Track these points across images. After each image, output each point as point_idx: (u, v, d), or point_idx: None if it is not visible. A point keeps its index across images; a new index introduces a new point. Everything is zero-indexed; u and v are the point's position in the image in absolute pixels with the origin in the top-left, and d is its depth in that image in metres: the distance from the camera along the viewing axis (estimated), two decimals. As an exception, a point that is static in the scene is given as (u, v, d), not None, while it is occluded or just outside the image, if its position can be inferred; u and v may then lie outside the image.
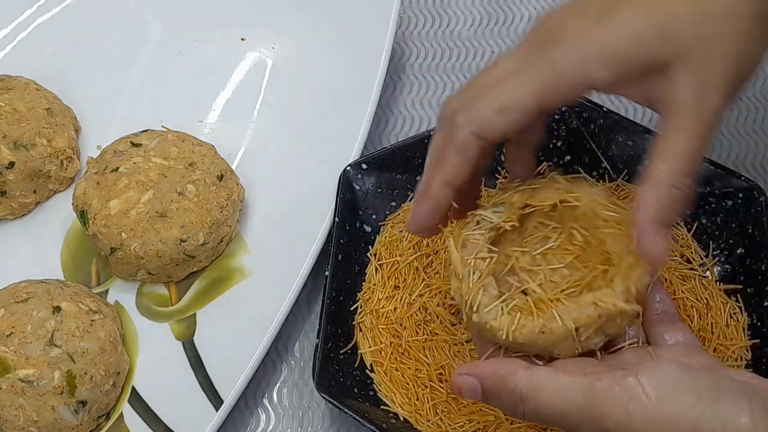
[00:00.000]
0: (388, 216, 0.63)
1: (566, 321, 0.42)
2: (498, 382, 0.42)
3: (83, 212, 0.61)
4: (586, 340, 0.42)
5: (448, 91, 0.73)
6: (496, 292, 0.44)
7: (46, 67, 0.72)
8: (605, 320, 0.42)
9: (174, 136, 0.64)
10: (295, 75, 0.72)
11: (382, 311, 0.58)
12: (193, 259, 0.61)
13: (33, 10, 0.75)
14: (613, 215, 0.45)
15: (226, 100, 0.71)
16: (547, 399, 0.40)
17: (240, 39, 0.74)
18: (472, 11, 0.77)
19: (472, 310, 0.44)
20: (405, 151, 0.63)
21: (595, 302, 0.42)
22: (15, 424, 0.54)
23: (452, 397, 0.55)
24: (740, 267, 0.57)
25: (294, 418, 0.60)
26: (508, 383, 0.42)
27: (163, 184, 0.61)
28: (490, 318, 0.43)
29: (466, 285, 0.44)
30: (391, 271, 0.60)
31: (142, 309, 0.62)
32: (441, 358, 0.56)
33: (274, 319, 0.58)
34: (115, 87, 0.72)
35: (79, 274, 0.64)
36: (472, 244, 0.45)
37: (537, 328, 0.42)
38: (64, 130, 0.67)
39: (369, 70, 0.67)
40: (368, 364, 0.58)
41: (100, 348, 0.57)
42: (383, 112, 0.72)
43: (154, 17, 0.75)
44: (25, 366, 0.55)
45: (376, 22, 0.69)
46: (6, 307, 0.57)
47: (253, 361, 0.57)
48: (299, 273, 0.59)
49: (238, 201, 0.63)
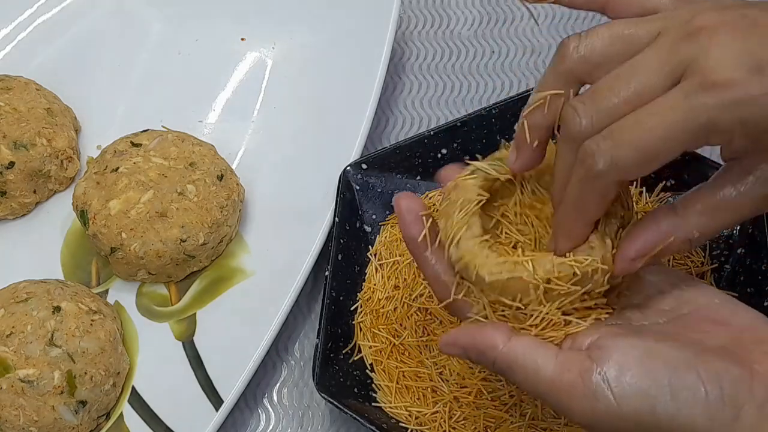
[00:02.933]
0: (388, 216, 0.63)
1: (538, 270, 0.42)
2: (479, 354, 0.42)
3: (83, 212, 0.61)
4: (559, 296, 0.42)
5: (448, 91, 0.73)
6: (479, 232, 0.44)
7: (46, 67, 0.72)
8: (580, 277, 0.42)
9: (174, 136, 0.64)
10: (295, 75, 0.72)
11: (382, 311, 0.58)
12: (193, 259, 0.61)
13: (33, 10, 0.75)
14: None
15: (226, 100, 0.71)
16: (522, 379, 0.41)
17: (240, 39, 0.74)
18: (472, 11, 0.77)
19: (452, 244, 0.44)
20: (405, 151, 0.63)
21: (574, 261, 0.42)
22: (15, 424, 0.54)
23: (453, 397, 0.55)
24: (740, 267, 0.57)
25: (294, 418, 0.60)
26: (488, 357, 0.42)
27: (163, 184, 0.61)
28: (466, 251, 0.43)
29: (450, 222, 0.44)
30: (391, 271, 0.60)
31: (142, 309, 0.62)
32: (441, 358, 0.56)
33: (274, 319, 0.58)
34: (115, 87, 0.72)
35: (79, 274, 0.64)
36: (462, 188, 0.45)
37: (506, 271, 0.42)
38: (64, 130, 0.67)
39: (369, 70, 0.67)
40: (368, 364, 0.58)
41: (100, 348, 0.57)
42: (383, 112, 0.72)
43: (154, 17, 0.75)
44: (25, 366, 0.55)
45: (376, 22, 0.69)
46: (6, 307, 0.57)
47: (253, 361, 0.57)
48: (299, 273, 0.59)
49: (238, 201, 0.63)
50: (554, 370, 0.40)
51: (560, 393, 0.40)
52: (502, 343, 0.41)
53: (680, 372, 0.38)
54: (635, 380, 0.38)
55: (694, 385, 0.38)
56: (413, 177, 0.63)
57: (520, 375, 0.41)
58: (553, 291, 0.42)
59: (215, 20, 0.74)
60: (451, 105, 0.72)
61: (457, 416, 0.54)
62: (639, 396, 0.38)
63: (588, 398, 0.39)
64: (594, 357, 0.40)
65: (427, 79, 0.74)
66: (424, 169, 0.63)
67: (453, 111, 0.72)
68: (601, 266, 0.42)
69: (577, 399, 0.39)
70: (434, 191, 0.63)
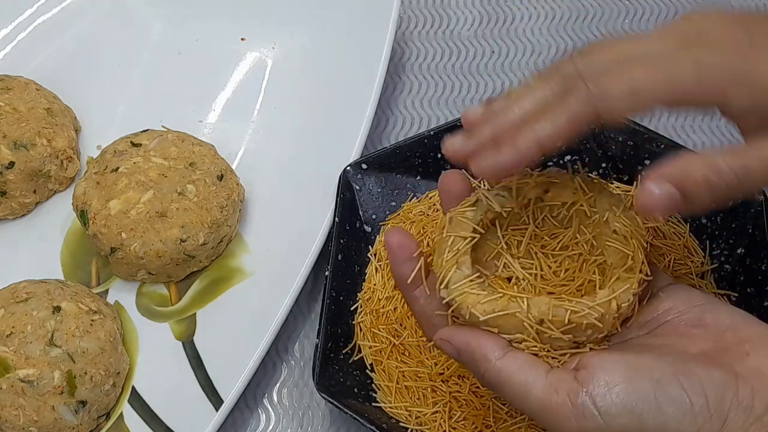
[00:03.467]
0: (388, 216, 0.63)
1: (532, 309, 0.42)
2: (470, 361, 0.42)
3: (83, 212, 0.61)
4: (551, 339, 0.42)
5: (448, 91, 0.73)
6: (469, 272, 0.44)
7: (46, 67, 0.72)
8: (573, 326, 0.42)
9: (174, 136, 0.64)
10: (295, 75, 0.72)
11: (382, 311, 0.58)
12: (193, 259, 0.61)
13: (33, 10, 0.75)
14: (623, 228, 0.44)
15: (226, 100, 0.71)
16: (510, 396, 0.41)
17: (240, 39, 0.74)
18: (472, 11, 0.77)
19: (443, 285, 0.44)
20: (405, 151, 0.63)
21: (571, 308, 0.42)
22: (15, 424, 0.54)
23: (453, 397, 0.55)
24: (740, 267, 0.57)
25: (294, 418, 0.60)
26: (479, 367, 0.42)
27: (163, 184, 0.61)
28: (456, 294, 0.43)
29: (441, 260, 0.44)
30: (391, 271, 0.60)
31: (142, 309, 0.62)
32: (441, 358, 0.56)
33: (274, 319, 0.58)
34: (115, 87, 0.72)
35: (79, 274, 0.64)
36: (458, 222, 0.45)
37: (500, 308, 0.42)
38: (64, 130, 0.67)
39: (369, 70, 0.67)
40: (368, 364, 0.58)
41: (100, 348, 0.57)
42: (383, 112, 0.72)
43: (154, 17, 0.75)
44: (25, 366, 0.55)
45: (376, 22, 0.69)
46: (6, 307, 0.57)
47: (253, 361, 0.57)
48: (299, 273, 0.59)
49: (238, 201, 0.63)
50: (543, 391, 0.40)
51: (549, 413, 0.40)
52: (495, 359, 0.42)
53: (663, 384, 0.38)
54: (620, 397, 0.39)
55: (679, 396, 0.38)
56: (413, 177, 0.63)
57: (508, 392, 0.41)
58: (545, 334, 0.42)
59: (215, 20, 0.74)
60: (451, 105, 0.73)
61: (457, 416, 0.54)
62: (625, 413, 0.38)
63: (576, 418, 0.39)
64: (580, 377, 0.40)
65: (427, 79, 0.74)
66: (424, 169, 0.63)
67: (453, 111, 0.72)
68: (596, 323, 0.42)
69: (565, 419, 0.39)
70: (434, 191, 0.63)
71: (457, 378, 0.55)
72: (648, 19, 0.76)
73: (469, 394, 0.54)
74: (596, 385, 0.39)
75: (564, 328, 0.42)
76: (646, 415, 0.38)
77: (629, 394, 0.39)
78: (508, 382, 0.41)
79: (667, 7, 0.76)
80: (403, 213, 0.63)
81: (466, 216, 0.45)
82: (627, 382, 0.39)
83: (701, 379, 0.38)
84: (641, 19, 0.76)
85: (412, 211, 0.62)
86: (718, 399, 0.38)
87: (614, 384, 0.39)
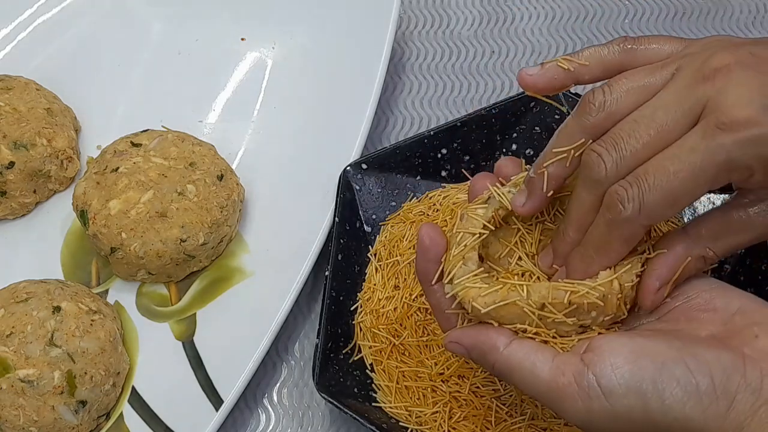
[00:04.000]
0: (388, 216, 0.63)
1: (532, 295, 0.42)
2: (480, 355, 0.43)
3: (83, 212, 0.61)
4: (555, 323, 0.42)
5: (448, 91, 0.73)
6: (474, 267, 0.44)
7: (46, 67, 0.72)
8: (575, 308, 0.42)
9: (174, 136, 0.64)
10: (295, 75, 0.72)
11: (382, 311, 0.58)
12: (193, 259, 0.61)
13: (33, 10, 0.75)
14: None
15: (226, 100, 0.71)
16: (519, 381, 0.42)
17: (240, 39, 0.74)
18: (472, 11, 0.77)
19: (447, 280, 0.44)
20: (405, 151, 0.63)
21: (570, 289, 0.42)
22: (15, 424, 0.54)
23: (453, 397, 0.55)
24: (740, 267, 0.57)
25: (294, 418, 0.60)
26: (489, 359, 0.43)
27: (163, 184, 0.61)
28: (459, 289, 0.43)
29: (448, 255, 0.45)
30: (391, 271, 0.60)
31: (142, 309, 0.62)
32: (441, 358, 0.56)
33: (274, 319, 0.58)
34: (115, 87, 0.72)
35: (79, 274, 0.64)
36: (469, 219, 0.45)
37: (500, 298, 0.42)
38: (64, 130, 0.67)
39: (369, 70, 0.67)
40: (368, 364, 0.58)
41: (100, 348, 0.57)
42: (383, 112, 0.72)
43: (154, 17, 0.75)
44: (25, 366, 0.55)
45: (376, 22, 0.69)
46: (6, 307, 0.57)
47: (253, 361, 0.57)
48: (299, 273, 0.59)
49: (238, 201, 0.63)
50: (550, 374, 0.41)
51: (556, 395, 0.40)
52: (503, 346, 0.42)
53: (669, 366, 0.39)
54: (625, 379, 0.39)
55: (684, 377, 0.38)
56: (413, 177, 0.63)
57: (518, 378, 0.42)
58: (548, 318, 0.42)
59: (215, 20, 0.74)
60: (451, 105, 0.73)
61: (457, 416, 0.54)
62: (630, 393, 0.39)
63: (582, 400, 0.40)
64: (587, 359, 0.40)
65: (427, 79, 0.74)
66: (424, 169, 0.64)
67: (453, 111, 0.72)
68: (597, 302, 0.42)
69: (572, 401, 0.40)
70: (434, 191, 0.63)
71: (457, 378, 0.55)
72: (648, 19, 0.76)
73: (469, 394, 0.54)
74: (602, 366, 0.39)
75: (566, 310, 0.42)
76: (651, 396, 0.38)
77: (634, 374, 0.39)
78: (517, 368, 0.42)
79: (667, 7, 0.76)
80: (403, 213, 0.63)
81: (477, 213, 0.45)
82: (632, 363, 0.39)
83: (708, 360, 0.39)
84: (641, 19, 0.76)
85: (412, 211, 0.62)
86: (725, 380, 0.38)
87: (619, 365, 0.39)
